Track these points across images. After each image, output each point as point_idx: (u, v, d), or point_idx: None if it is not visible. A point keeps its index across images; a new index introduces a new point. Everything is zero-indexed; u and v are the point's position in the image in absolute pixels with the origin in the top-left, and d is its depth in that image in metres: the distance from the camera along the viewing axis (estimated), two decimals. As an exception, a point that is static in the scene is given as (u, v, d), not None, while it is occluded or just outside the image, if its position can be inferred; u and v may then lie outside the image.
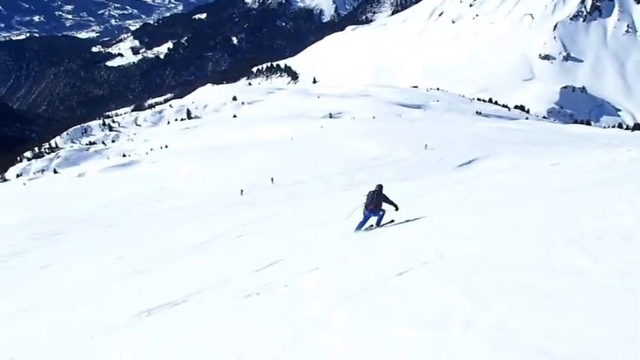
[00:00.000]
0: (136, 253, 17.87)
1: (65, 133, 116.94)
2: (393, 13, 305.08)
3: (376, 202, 11.74)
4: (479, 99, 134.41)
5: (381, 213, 11.99)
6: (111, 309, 9.74)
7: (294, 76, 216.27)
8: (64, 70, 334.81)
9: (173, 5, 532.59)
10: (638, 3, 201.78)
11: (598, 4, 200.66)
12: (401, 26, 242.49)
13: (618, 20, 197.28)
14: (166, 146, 77.94)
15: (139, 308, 8.70)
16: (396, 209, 11.93)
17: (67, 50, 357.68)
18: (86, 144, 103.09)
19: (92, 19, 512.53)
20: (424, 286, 5.74)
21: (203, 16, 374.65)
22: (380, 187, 11.96)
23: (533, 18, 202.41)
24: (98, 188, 52.12)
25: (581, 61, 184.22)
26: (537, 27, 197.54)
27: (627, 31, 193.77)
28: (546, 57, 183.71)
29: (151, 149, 78.01)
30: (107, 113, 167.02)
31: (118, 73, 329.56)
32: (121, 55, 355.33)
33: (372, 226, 12.22)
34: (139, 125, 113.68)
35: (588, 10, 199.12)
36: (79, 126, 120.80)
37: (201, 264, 13.43)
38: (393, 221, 12.40)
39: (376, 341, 4.59)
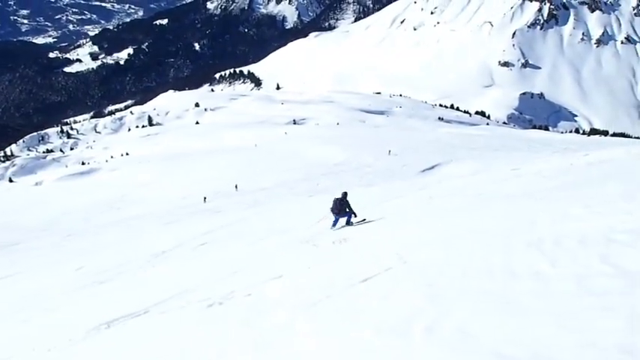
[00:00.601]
0: (95, 263, 17.47)
1: (21, 140, 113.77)
2: (355, 20, 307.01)
3: (340, 207, 12.94)
4: (441, 105, 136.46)
5: (347, 215, 13.09)
6: (69, 321, 9.48)
7: (257, 82, 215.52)
8: (20, 76, 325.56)
9: (133, 11, 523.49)
10: (592, 12, 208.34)
11: (554, 12, 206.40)
12: (364, 33, 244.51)
13: (574, 28, 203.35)
14: (127, 154, 76.56)
15: (98, 320, 8.49)
16: (355, 216, 13.12)
17: (23, 56, 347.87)
18: (43, 152, 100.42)
19: (49, 24, 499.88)
20: (388, 292, 5.76)
21: (164, 21, 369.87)
22: (344, 194, 13.15)
23: (492, 26, 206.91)
24: (56, 197, 50.80)
25: (539, 67, 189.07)
26: (496, 34, 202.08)
27: (582, 39, 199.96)
28: (505, 64, 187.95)
29: (111, 157, 76.52)
30: (65, 120, 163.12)
31: (77, 80, 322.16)
32: (79, 60, 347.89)
33: (343, 225, 13.15)
34: (99, 132, 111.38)
35: (545, 19, 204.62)
36: (35, 133, 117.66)
37: (163, 273, 13.21)
38: (364, 220, 13.16)
39: (343, 347, 4.58)
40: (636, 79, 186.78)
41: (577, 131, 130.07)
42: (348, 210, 12.96)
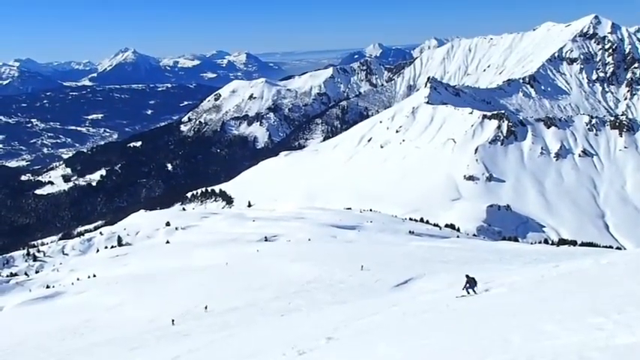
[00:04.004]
0: (51, 398, 16.29)
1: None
2: (324, 140, 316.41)
3: (470, 282, 19.68)
4: (411, 219, 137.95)
5: (474, 287, 19.63)
6: None
7: (228, 200, 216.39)
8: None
9: (108, 134, 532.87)
10: (548, 128, 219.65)
11: (513, 129, 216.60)
12: (332, 151, 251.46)
13: (532, 143, 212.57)
14: (94, 275, 74.42)
15: None
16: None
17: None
18: (7, 276, 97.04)
19: (24, 147, 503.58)
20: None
21: (138, 143, 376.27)
22: (473, 278, 19.97)
23: (455, 142, 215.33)
24: (15, 324, 48.40)
25: (503, 181, 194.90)
26: (460, 151, 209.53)
27: (542, 153, 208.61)
28: (471, 178, 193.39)
29: (78, 279, 74.19)
30: (32, 243, 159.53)
31: (47, 202, 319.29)
32: (51, 183, 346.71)
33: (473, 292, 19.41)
34: (66, 254, 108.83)
35: (505, 135, 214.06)
36: (0, 257, 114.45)
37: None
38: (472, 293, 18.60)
39: None
40: (597, 190, 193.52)
41: (546, 242, 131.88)
42: (475, 283, 19.73)
